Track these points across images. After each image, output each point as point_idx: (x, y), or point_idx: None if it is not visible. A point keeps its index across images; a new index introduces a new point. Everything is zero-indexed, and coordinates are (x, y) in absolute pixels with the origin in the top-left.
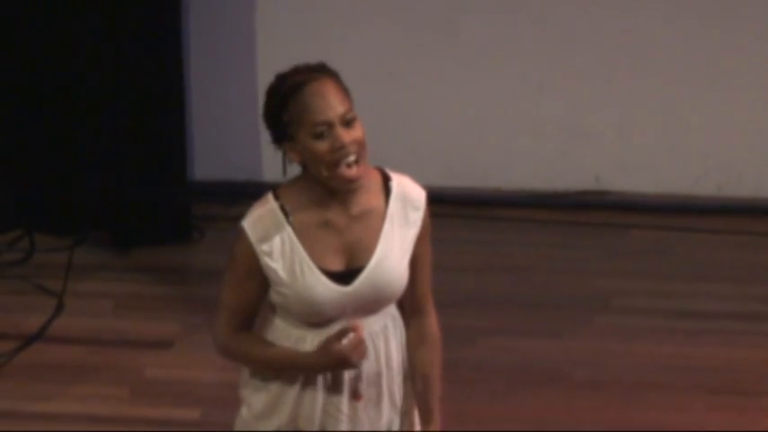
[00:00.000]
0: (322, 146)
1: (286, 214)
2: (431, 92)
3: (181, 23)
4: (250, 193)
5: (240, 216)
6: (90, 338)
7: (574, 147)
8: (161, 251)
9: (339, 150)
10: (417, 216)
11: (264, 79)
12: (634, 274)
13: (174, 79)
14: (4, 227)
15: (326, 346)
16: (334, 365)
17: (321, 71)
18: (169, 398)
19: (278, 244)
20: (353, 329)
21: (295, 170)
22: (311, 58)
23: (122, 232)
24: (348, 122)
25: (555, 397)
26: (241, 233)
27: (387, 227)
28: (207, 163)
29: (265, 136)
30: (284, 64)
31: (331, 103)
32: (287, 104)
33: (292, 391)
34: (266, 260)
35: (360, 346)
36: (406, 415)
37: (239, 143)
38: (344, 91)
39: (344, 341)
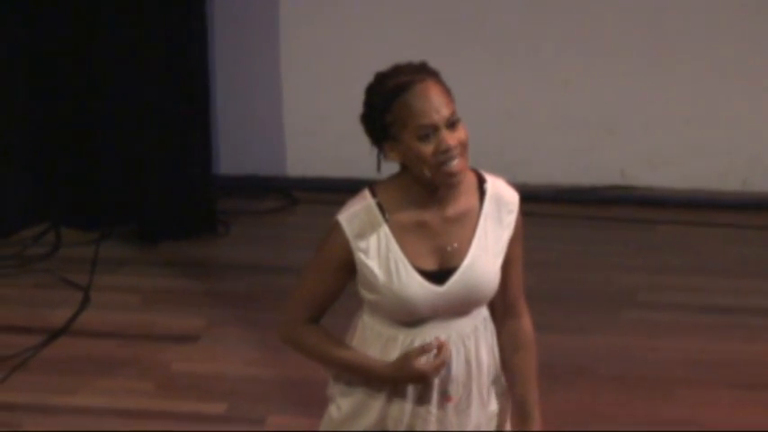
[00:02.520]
0: (427, 148)
1: (383, 212)
2: (456, 88)
3: (206, 20)
4: (274, 187)
5: (265, 210)
6: (116, 332)
7: (600, 142)
8: (186, 245)
9: (444, 153)
10: (511, 218)
11: (288, 75)
12: (660, 270)
13: (200, 74)
14: (30, 221)
15: (406, 361)
16: (408, 381)
17: (424, 71)
18: (195, 392)
19: (374, 242)
20: (439, 348)
21: (319, 168)
22: (334, 55)
23: (148, 226)
24: (452, 124)
25: (580, 392)
26: (336, 227)
27: (481, 228)
28: (232, 158)
29: (289, 130)
30: (307, 59)
31: (436, 106)
32: (391, 105)
33: (382, 393)
34: (361, 257)
35: (441, 367)
36: (497, 417)
37: (263, 138)
38: (448, 92)
39: (424, 359)
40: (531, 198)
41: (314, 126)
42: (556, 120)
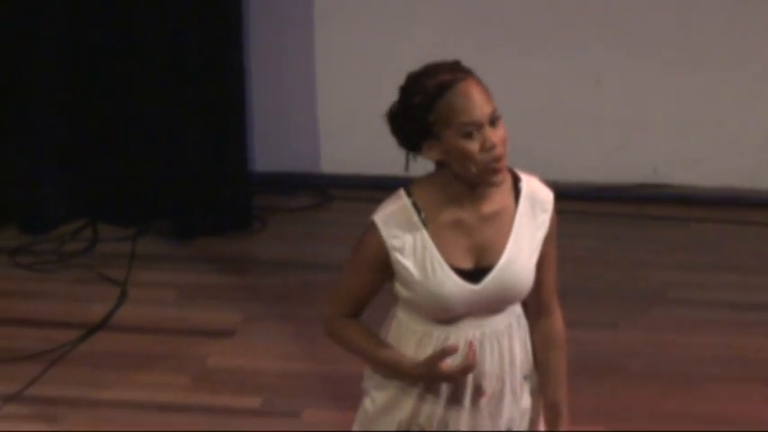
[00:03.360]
0: (472, 146)
1: (418, 211)
2: (490, 87)
3: (243, 20)
4: (309, 184)
5: (300, 207)
6: (152, 327)
7: (632, 140)
8: (223, 241)
9: (490, 150)
10: (546, 217)
11: (322, 73)
12: (691, 267)
13: (236, 72)
14: (68, 216)
15: (431, 363)
16: (435, 381)
17: (461, 70)
18: (230, 386)
19: (410, 241)
20: (469, 355)
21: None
22: (368, 53)
23: (184, 222)
24: (494, 122)
25: (611, 387)
26: (372, 227)
27: (516, 227)
28: (267, 155)
29: (324, 128)
30: (341, 58)
31: (480, 104)
32: (434, 104)
33: (415, 389)
34: (397, 256)
35: (468, 370)
36: (529, 411)
37: (298, 135)
38: (487, 90)
39: (449, 361)
40: (562, 196)
41: (348, 123)
42: (588, 118)
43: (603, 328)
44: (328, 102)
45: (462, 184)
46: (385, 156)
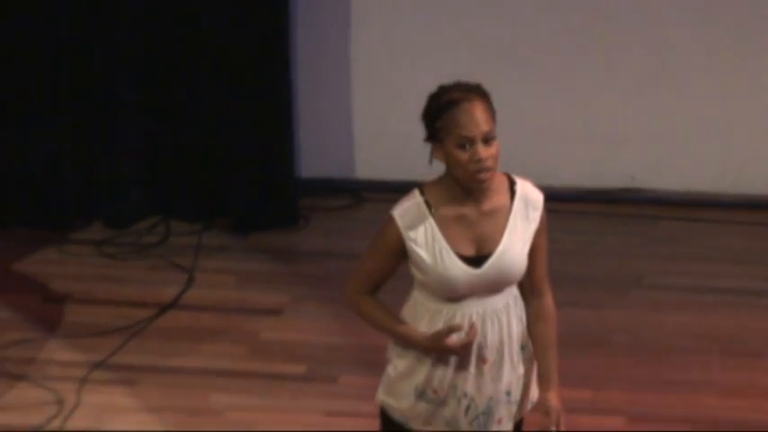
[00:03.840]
0: (463, 155)
1: (429, 207)
2: (499, 110)
3: (289, 42)
4: (345, 188)
5: (338, 207)
6: (215, 307)
7: (614, 152)
8: (273, 235)
9: (477, 163)
10: (536, 214)
11: (358, 88)
12: (663, 258)
13: (286, 93)
14: (144, 214)
15: (438, 338)
16: (440, 353)
17: (475, 92)
18: (279, 356)
19: (422, 232)
20: (472, 333)
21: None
22: (399, 70)
23: (242, 219)
24: (487, 140)
25: (598, 358)
26: (391, 220)
27: (511, 222)
28: (310, 162)
29: (358, 140)
30: (374, 75)
31: (477, 123)
32: (442, 114)
33: (429, 357)
34: (412, 245)
35: (468, 346)
36: (524, 377)
37: (336, 146)
38: (491, 113)
39: (455, 337)
40: (556, 198)
41: (379, 135)
42: (578, 134)
43: (590, 308)
44: (363, 116)
45: (462, 186)
46: (411, 164)
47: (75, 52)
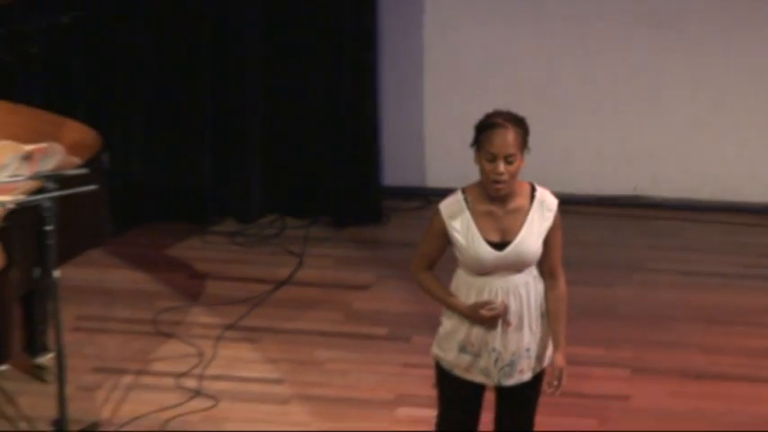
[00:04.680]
0: (488, 166)
1: (467, 203)
2: (536, 133)
3: (376, 78)
4: (418, 194)
5: (412, 208)
6: (318, 283)
7: (619, 166)
8: (363, 229)
9: (495, 175)
10: (550, 215)
11: (429, 114)
12: (659, 249)
13: (372, 119)
14: (266, 212)
15: (475, 308)
16: (476, 320)
17: (513, 122)
18: (367, 321)
19: (460, 222)
20: (501, 307)
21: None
22: (462, 95)
23: (339, 217)
24: (509, 160)
25: (608, 324)
26: (437, 212)
27: (529, 219)
28: (391, 172)
29: (429, 154)
30: (444, 103)
31: (504, 145)
32: (483, 131)
33: (467, 320)
34: (452, 231)
35: (496, 318)
36: (542, 339)
37: (411, 160)
38: (520, 140)
39: (486, 311)
40: (577, 203)
41: (445, 152)
42: (589, 149)
43: (603, 287)
44: (432, 136)
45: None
46: (470, 174)
47: (216, 75)
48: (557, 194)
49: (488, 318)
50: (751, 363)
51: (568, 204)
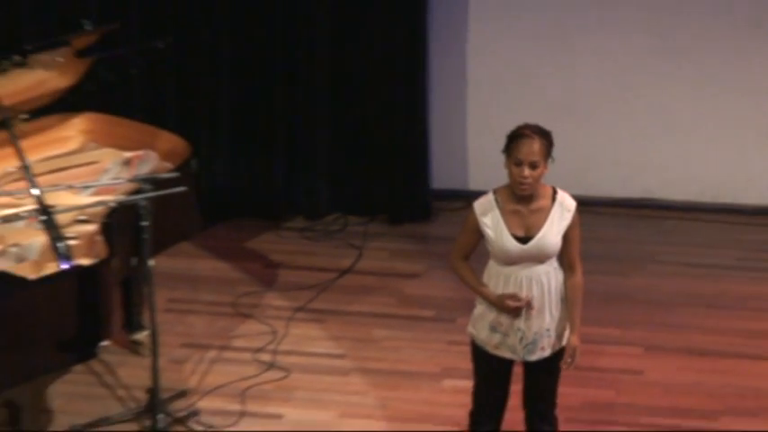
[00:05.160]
0: (514, 170)
1: (497, 203)
2: (562, 143)
3: (427, 97)
4: (461, 196)
5: (456, 208)
6: (376, 272)
7: (634, 173)
8: (414, 226)
9: (520, 178)
10: (569, 215)
11: (472, 113)
12: (668, 244)
13: (423, 132)
14: (331, 210)
15: (502, 298)
16: (503, 309)
17: (539, 134)
18: (417, 305)
19: (490, 218)
20: (524, 300)
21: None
22: (502, 108)
23: (395, 215)
24: (533, 166)
25: (623, 308)
26: (472, 209)
27: (550, 218)
28: (438, 176)
29: (472, 158)
30: (485, 115)
31: (529, 153)
32: (513, 139)
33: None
34: (483, 226)
35: (519, 309)
36: (561, 321)
37: (456, 166)
38: (545, 150)
39: (511, 302)
40: (597, 204)
41: (486, 157)
42: (607, 160)
43: (619, 276)
44: (474, 145)
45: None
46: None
47: (288, 94)
48: (577, 197)
49: (513, 308)
50: (747, 342)
51: (588, 206)
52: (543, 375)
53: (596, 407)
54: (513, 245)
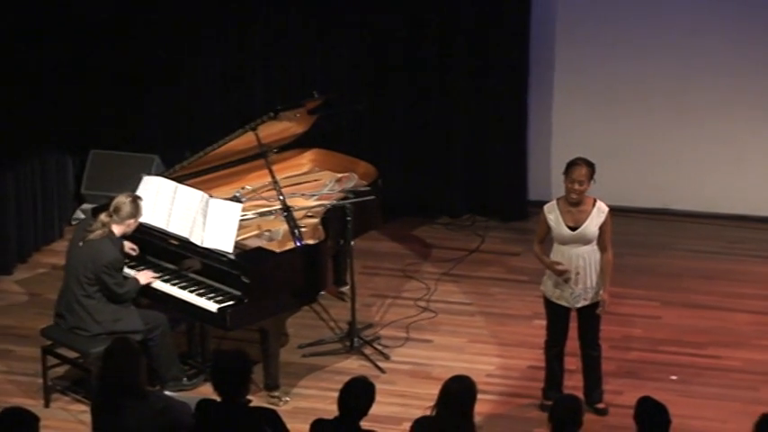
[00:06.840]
0: (568, 186)
1: (558, 205)
2: (604, 161)
3: (527, 112)
4: (545, 203)
5: (537, 212)
6: (492, 251)
7: (655, 189)
8: (515, 223)
9: (571, 192)
10: (603, 215)
11: (555, 147)
12: (682, 238)
13: (523, 148)
14: (464, 212)
15: (554, 264)
16: (555, 272)
17: (585, 163)
18: (518, 272)
19: (554, 216)
20: (566, 268)
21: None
22: (580, 126)
23: (505, 215)
24: (580, 184)
25: (645, 280)
26: (542, 210)
27: (590, 217)
28: (532, 188)
29: (554, 175)
30: (569, 132)
31: (577, 175)
32: (568, 167)
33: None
34: (549, 221)
35: (566, 274)
36: (597, 284)
37: (543, 180)
38: (589, 174)
39: (562, 268)
40: (627, 211)
41: (561, 176)
42: (632, 175)
43: (642, 258)
44: (557, 161)
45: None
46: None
47: (438, 123)
48: (611, 205)
49: (559, 272)
50: (744, 302)
51: (621, 211)
52: (589, 318)
53: (628, 339)
54: (566, 232)
